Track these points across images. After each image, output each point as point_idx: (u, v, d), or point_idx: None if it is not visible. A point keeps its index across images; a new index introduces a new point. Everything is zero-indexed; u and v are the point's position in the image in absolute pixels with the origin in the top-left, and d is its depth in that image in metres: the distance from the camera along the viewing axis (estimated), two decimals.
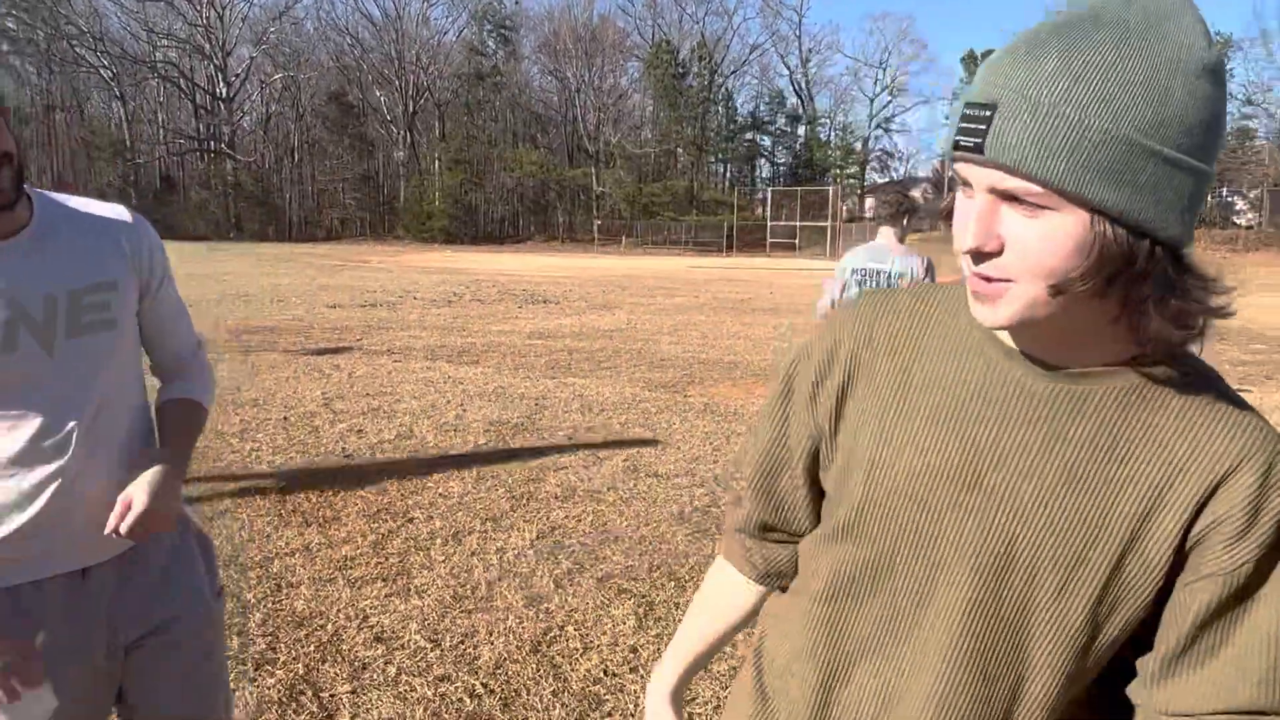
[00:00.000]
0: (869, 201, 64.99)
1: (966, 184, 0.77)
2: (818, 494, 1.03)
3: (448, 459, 5.76)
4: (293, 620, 3.40)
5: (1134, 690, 0.88)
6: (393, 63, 65.49)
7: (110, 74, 59.96)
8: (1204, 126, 0.69)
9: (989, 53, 0.78)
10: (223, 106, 62.31)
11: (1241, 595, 0.79)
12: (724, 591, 1.15)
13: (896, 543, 0.90)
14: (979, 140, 0.72)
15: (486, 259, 37.81)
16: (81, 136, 59.78)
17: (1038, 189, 0.70)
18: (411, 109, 66.06)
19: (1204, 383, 0.82)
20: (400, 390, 8.06)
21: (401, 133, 66.04)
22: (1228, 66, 0.73)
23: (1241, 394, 0.83)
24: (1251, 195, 48.61)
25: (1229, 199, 50.34)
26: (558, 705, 2.86)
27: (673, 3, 70.98)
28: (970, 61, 64.69)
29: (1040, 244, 0.72)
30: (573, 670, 3.08)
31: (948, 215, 0.83)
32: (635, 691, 2.95)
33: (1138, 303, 0.74)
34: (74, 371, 1.39)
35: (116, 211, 1.57)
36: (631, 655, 3.20)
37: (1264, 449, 0.78)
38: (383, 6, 65.48)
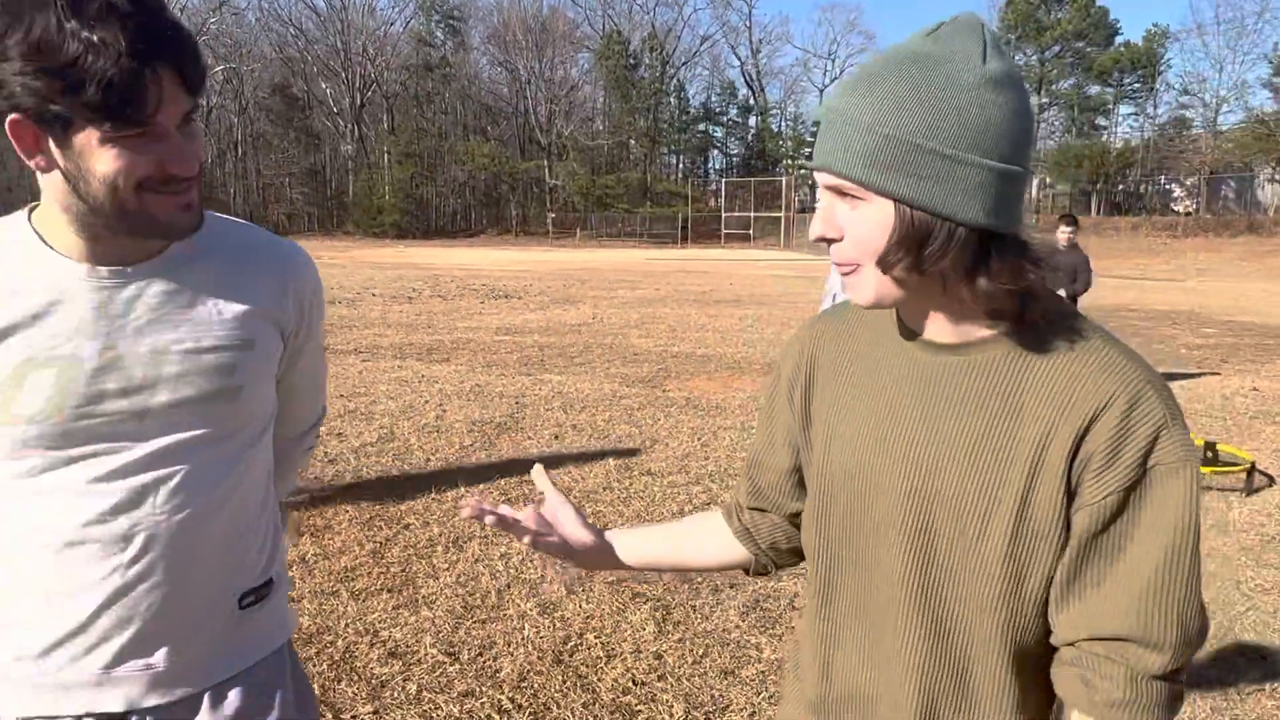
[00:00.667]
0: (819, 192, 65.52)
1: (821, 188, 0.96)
2: (800, 484, 1.17)
3: (435, 461, 5.63)
4: (300, 638, 3.27)
5: (1049, 619, 0.95)
6: (338, 54, 64.14)
7: None
8: (984, 127, 0.83)
9: None
10: None
11: (1112, 528, 0.87)
12: (706, 529, 1.28)
13: (845, 519, 1.03)
14: (812, 149, 0.94)
15: (441, 254, 37.31)
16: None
17: (850, 184, 0.88)
18: (359, 101, 64.80)
19: (1080, 337, 0.92)
20: (375, 390, 7.87)
21: (349, 126, 64.77)
22: (1022, 72, 0.93)
23: (1198, 375, 0.86)
24: (1189, 183, 50.08)
25: (1167, 186, 51.81)
26: (590, 719, 2.79)
27: None
28: None
29: (861, 228, 0.90)
30: (599, 680, 3.00)
31: None
32: (668, 701, 2.88)
33: (949, 278, 0.89)
34: (166, 443, 1.10)
35: (278, 244, 1.26)
36: (658, 663, 3.13)
37: (1127, 388, 0.87)
38: None
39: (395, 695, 2.89)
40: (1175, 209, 48.84)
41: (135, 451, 1.08)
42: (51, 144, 0.96)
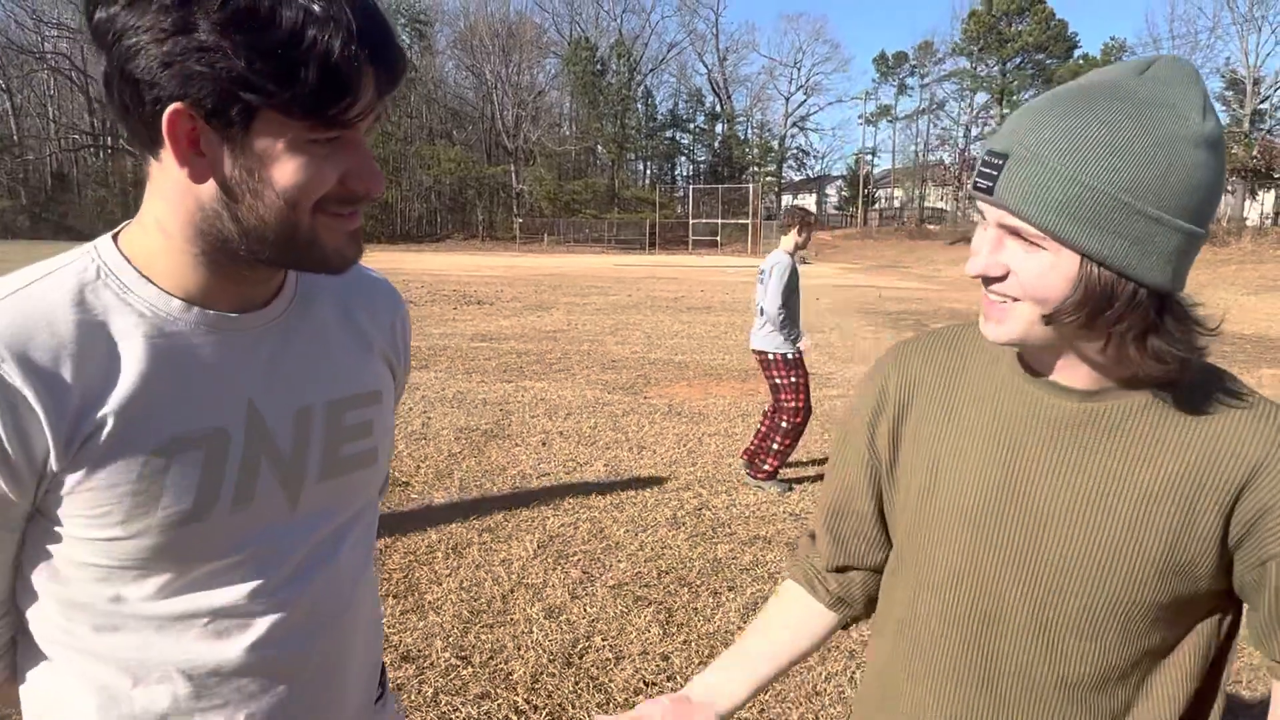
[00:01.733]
0: (785, 199, 66.21)
1: (982, 216, 0.88)
2: (885, 529, 1.11)
3: (425, 468, 5.66)
4: None
5: (1255, 644, 0.95)
6: None
7: None
8: (1192, 190, 0.78)
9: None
10: None
11: None
12: (795, 615, 1.17)
13: (952, 565, 0.97)
14: (991, 183, 0.84)
15: (408, 259, 37.06)
16: None
17: (1036, 230, 0.81)
18: None
19: (1218, 387, 0.89)
20: None
21: None
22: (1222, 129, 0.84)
23: None
24: None
25: None
26: None
27: (590, 0, 70.90)
28: (881, 62, 66.53)
29: (1036, 277, 0.83)
30: (611, 681, 3.08)
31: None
32: None
33: (1120, 337, 0.84)
34: (319, 530, 0.94)
35: (376, 278, 1.08)
36: (665, 664, 3.22)
37: None
38: None
39: (412, 698, 2.94)
40: None
41: (294, 546, 0.91)
42: (220, 145, 0.75)
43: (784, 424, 5.29)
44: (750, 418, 7.38)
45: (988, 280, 0.88)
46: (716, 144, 72.09)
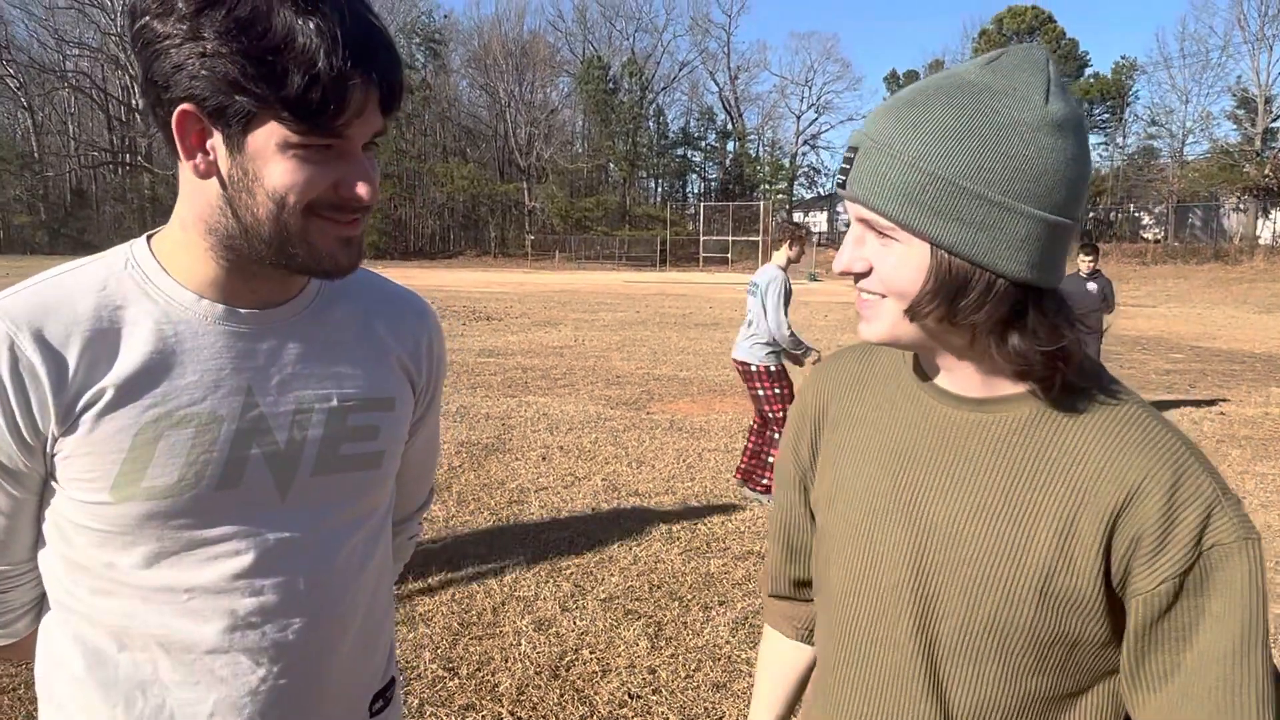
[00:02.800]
0: (796, 216, 66.29)
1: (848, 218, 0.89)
2: None
3: None
4: None
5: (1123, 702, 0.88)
6: None
7: (17, 83, 57.32)
8: (1040, 175, 0.76)
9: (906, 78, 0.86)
10: (139, 118, 60.16)
11: (1172, 616, 0.78)
12: (779, 658, 1.18)
13: (850, 576, 0.94)
14: (845, 178, 0.85)
15: (420, 275, 37.27)
16: None
17: (885, 221, 0.81)
18: None
19: (1114, 402, 0.85)
20: None
21: None
22: (1085, 111, 0.73)
23: (1168, 401, 0.87)
24: (1157, 211, 51.20)
25: (1136, 214, 52.92)
26: None
27: (603, 19, 71.49)
28: (893, 81, 66.70)
29: (892, 269, 0.83)
30: (596, 694, 3.09)
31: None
32: (664, 714, 2.97)
33: (983, 329, 0.82)
34: (310, 523, 0.96)
35: (410, 295, 1.14)
36: (651, 677, 3.23)
37: (1169, 463, 0.80)
38: None
39: None
40: (1145, 236, 49.86)
41: (280, 534, 0.93)
42: (220, 144, 0.82)
43: (776, 435, 5.30)
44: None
45: (857, 279, 0.87)
46: (728, 161, 72.34)
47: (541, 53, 67.94)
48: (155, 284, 0.90)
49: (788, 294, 5.28)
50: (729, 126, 72.47)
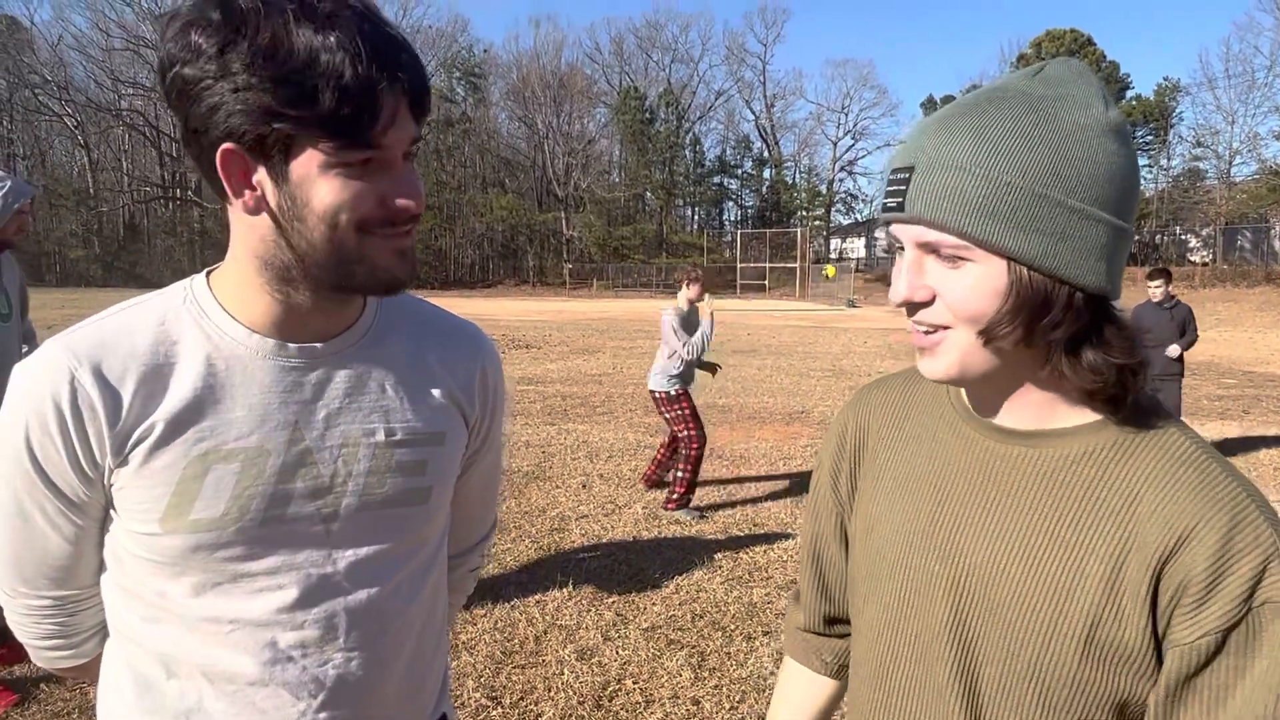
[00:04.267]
0: (834, 243, 66.12)
1: (900, 246, 0.82)
2: None
3: None
4: None
5: None
6: None
7: (74, 122, 59.42)
8: (1109, 180, 0.73)
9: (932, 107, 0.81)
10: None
11: (1209, 674, 0.72)
12: (805, 689, 1.13)
13: (888, 615, 0.90)
14: (900, 199, 0.78)
15: (460, 304, 37.70)
16: (43, 185, 59.04)
17: (955, 239, 0.75)
18: None
19: (1170, 440, 0.79)
20: None
21: None
22: (1132, 124, 0.69)
23: (1221, 428, 0.82)
24: (1204, 234, 50.16)
25: (1183, 237, 51.90)
26: None
27: (639, 51, 72.35)
28: (930, 106, 66.48)
29: (964, 292, 0.76)
30: None
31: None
32: None
33: (1058, 347, 0.77)
34: (354, 558, 0.95)
35: (464, 325, 1.13)
36: (695, 709, 3.19)
37: (1226, 508, 0.74)
38: None
39: None
40: (1192, 259, 48.85)
41: (323, 569, 0.93)
42: (265, 176, 0.82)
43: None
44: (792, 460, 7.32)
45: (913, 309, 0.81)
46: (764, 189, 72.45)
47: (579, 84, 68.85)
48: (211, 319, 0.91)
49: (688, 325, 6.06)
50: (765, 154, 72.68)
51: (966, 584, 0.83)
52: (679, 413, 5.82)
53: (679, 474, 5.71)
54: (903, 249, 0.82)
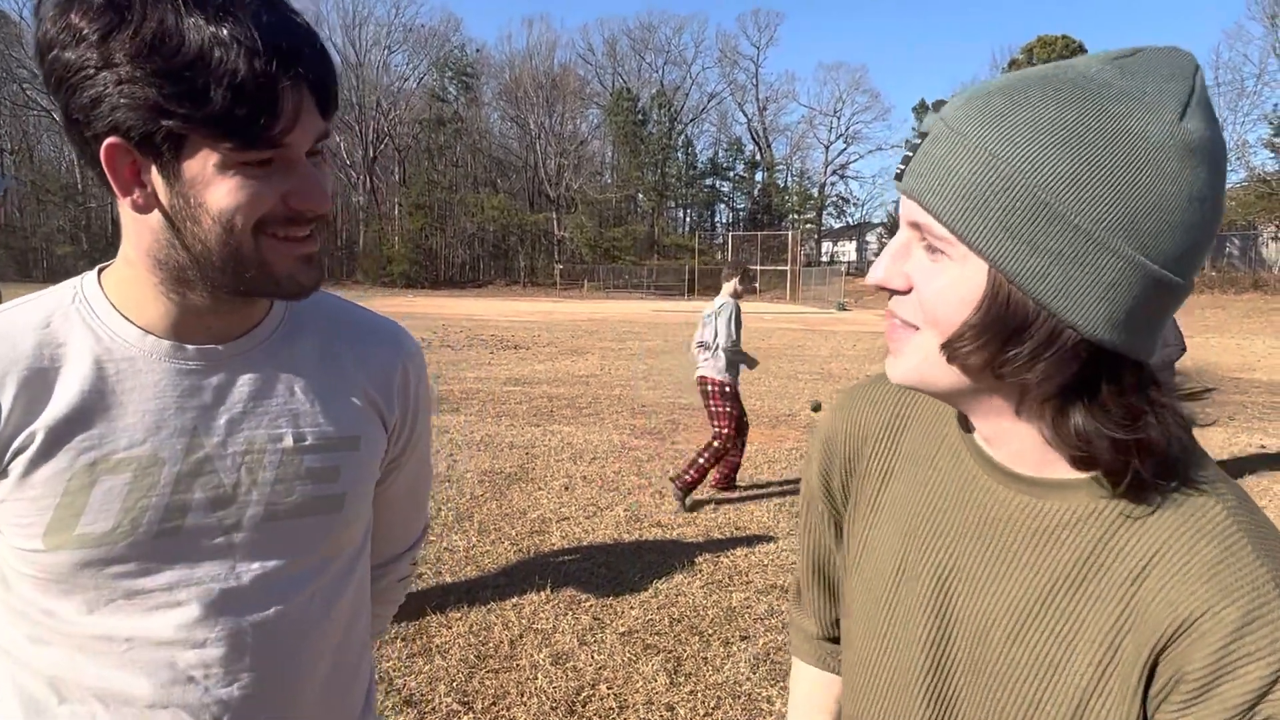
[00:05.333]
0: (825, 246, 66.28)
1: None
2: None
3: (446, 511, 5.67)
4: None
5: None
6: (352, 108, 65.43)
7: None
8: (1154, 210, 0.58)
9: (939, 103, 0.69)
10: None
11: None
12: (819, 685, 1.07)
13: (863, 650, 0.84)
14: (904, 167, 0.68)
15: (450, 304, 37.63)
16: (31, 180, 58.62)
17: (940, 228, 0.64)
18: (371, 154, 66.01)
19: (1194, 501, 0.67)
20: None
21: (361, 177, 65.85)
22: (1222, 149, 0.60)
23: (1204, 433, 0.73)
24: None
25: None
26: None
27: (632, 52, 72.45)
28: (922, 111, 66.69)
29: (935, 292, 0.66)
30: None
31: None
32: None
33: (1036, 394, 0.66)
34: (261, 571, 0.89)
35: (382, 323, 1.06)
36: (670, 715, 3.15)
37: (1241, 598, 0.62)
38: (343, 53, 65.59)
39: None
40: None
41: (226, 583, 0.87)
42: (155, 174, 0.76)
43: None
44: (776, 463, 7.30)
45: (891, 293, 0.71)
46: (756, 191, 72.58)
47: (571, 85, 68.86)
48: (101, 319, 0.85)
49: (740, 318, 6.15)
50: (757, 157, 72.84)
51: (952, 636, 0.76)
52: (726, 410, 5.93)
53: (700, 460, 5.83)
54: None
